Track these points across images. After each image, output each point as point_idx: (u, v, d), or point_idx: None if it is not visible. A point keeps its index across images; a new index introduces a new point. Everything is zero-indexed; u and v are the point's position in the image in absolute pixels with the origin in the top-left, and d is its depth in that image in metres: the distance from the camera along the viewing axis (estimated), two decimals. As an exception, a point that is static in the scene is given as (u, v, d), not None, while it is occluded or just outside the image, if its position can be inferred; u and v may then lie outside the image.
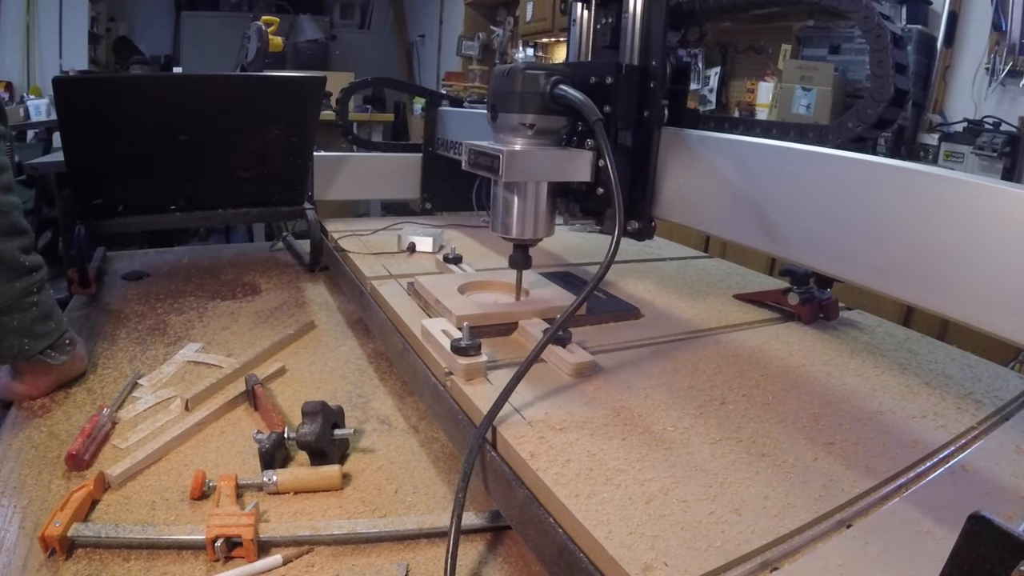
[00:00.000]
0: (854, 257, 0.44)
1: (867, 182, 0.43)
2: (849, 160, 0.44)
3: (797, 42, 2.67)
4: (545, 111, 0.56)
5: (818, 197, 0.46)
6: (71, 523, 0.46)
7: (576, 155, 0.59)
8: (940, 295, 0.39)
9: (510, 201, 0.60)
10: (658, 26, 0.58)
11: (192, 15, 5.49)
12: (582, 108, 0.54)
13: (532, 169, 0.58)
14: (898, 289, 0.41)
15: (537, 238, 0.61)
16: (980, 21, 2.21)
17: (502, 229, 0.61)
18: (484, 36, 4.80)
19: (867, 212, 0.43)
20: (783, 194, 0.49)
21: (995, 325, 0.36)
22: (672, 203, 0.60)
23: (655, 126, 0.60)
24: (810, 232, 0.47)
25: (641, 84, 0.59)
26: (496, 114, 0.58)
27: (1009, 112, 2.13)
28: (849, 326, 0.74)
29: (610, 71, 0.59)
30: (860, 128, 0.48)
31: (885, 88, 0.45)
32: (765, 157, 0.51)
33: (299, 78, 1.06)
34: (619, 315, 0.70)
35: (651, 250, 1.08)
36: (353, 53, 5.84)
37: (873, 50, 0.46)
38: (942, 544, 0.37)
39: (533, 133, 0.57)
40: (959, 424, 0.52)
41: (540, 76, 0.56)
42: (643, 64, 0.60)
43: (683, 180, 0.59)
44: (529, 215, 0.60)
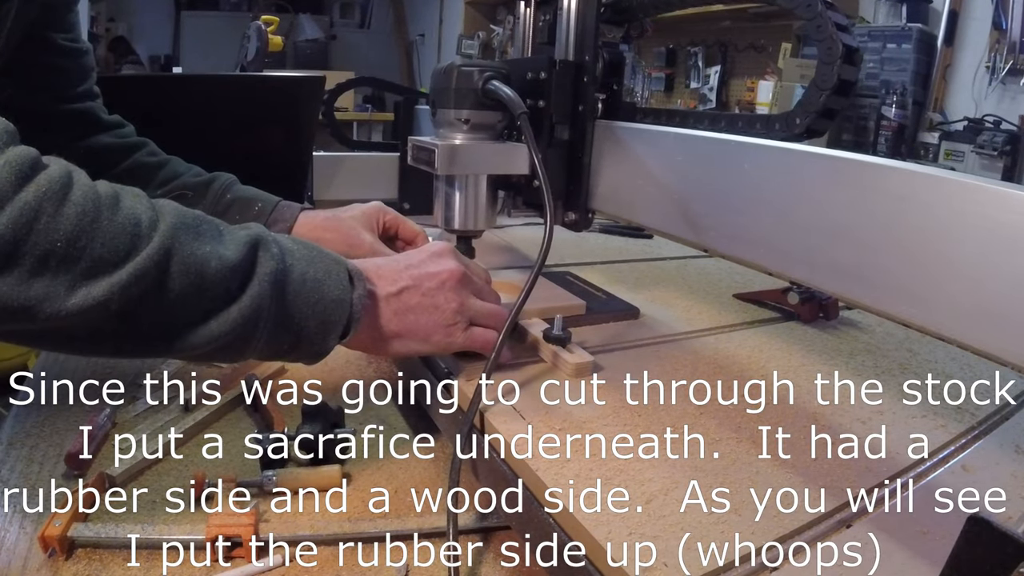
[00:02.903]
0: (782, 249, 0.45)
1: (794, 171, 0.44)
2: (774, 149, 0.45)
3: (797, 40, 2.67)
4: (479, 106, 0.58)
5: (745, 187, 0.48)
6: (71, 523, 0.46)
7: (513, 148, 0.61)
8: (878, 294, 0.39)
9: (451, 195, 0.62)
10: (591, 22, 0.60)
11: (192, 15, 5.48)
12: (508, 103, 0.56)
13: (469, 163, 0.60)
14: (823, 282, 0.42)
15: (479, 229, 0.64)
16: (980, 20, 2.21)
17: (444, 222, 0.63)
18: (484, 35, 4.80)
19: (797, 202, 0.43)
20: (707, 185, 0.51)
21: (964, 335, 0.34)
22: (607, 195, 0.63)
23: (588, 119, 0.62)
24: (735, 223, 0.49)
25: (575, 79, 0.61)
26: (435, 110, 0.60)
27: (1009, 111, 2.13)
28: (849, 325, 0.74)
29: (544, 66, 0.61)
30: (808, 119, 0.48)
31: (828, 76, 0.47)
32: (691, 148, 0.52)
33: (297, 78, 1.06)
34: (619, 315, 0.70)
35: (651, 250, 1.08)
36: (353, 52, 5.83)
37: (817, 40, 0.47)
38: (942, 544, 0.37)
39: (469, 128, 0.59)
40: (959, 424, 0.52)
41: (474, 72, 0.58)
42: (577, 59, 0.62)
43: (616, 172, 0.61)
44: (470, 207, 0.62)
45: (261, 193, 0.74)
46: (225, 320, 0.40)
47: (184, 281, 0.38)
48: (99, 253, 0.35)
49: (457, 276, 0.51)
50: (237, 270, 0.41)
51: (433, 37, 5.72)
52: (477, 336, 0.52)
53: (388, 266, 0.51)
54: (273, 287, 0.42)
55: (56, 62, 0.69)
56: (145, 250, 0.37)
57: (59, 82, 0.70)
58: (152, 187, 0.72)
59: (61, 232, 0.34)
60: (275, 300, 0.42)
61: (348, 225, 0.71)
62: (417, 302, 0.50)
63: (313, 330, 0.44)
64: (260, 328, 0.42)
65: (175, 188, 0.72)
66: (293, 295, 0.43)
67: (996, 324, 0.32)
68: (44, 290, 0.34)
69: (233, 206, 0.71)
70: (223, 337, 0.40)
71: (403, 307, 0.49)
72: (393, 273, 0.50)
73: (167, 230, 0.38)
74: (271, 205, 0.72)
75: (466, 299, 0.52)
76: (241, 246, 0.42)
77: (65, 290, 0.35)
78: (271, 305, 0.42)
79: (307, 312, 0.44)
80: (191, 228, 0.40)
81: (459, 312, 0.51)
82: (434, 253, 0.53)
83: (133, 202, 0.39)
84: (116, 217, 0.37)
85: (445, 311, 0.50)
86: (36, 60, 0.66)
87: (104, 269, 0.35)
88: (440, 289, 0.50)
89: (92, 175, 0.38)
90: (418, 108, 1.16)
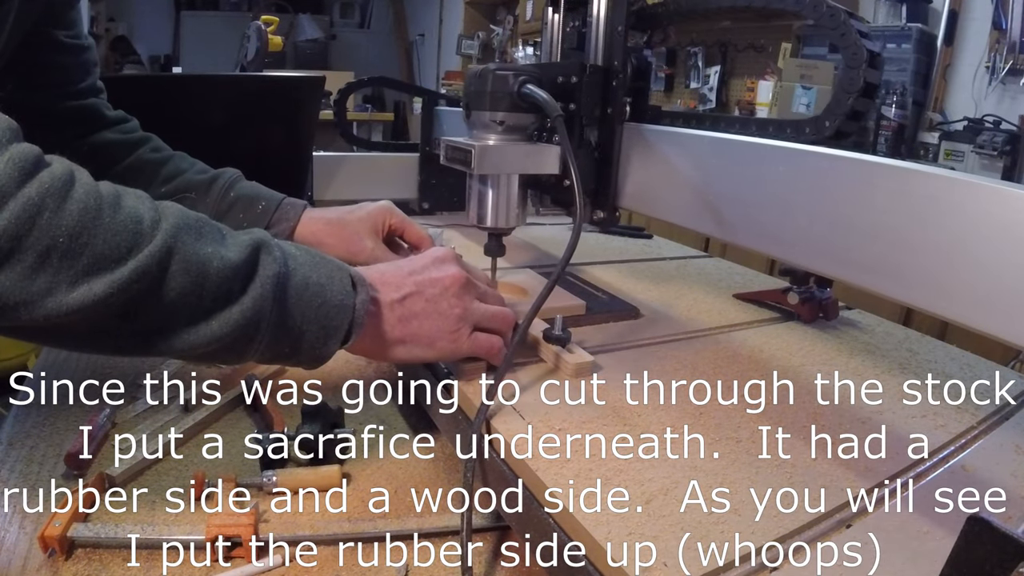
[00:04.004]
0: (816, 248, 0.47)
1: (815, 172, 0.46)
2: (798, 152, 0.48)
3: (797, 40, 2.66)
4: (514, 109, 0.60)
5: (763, 186, 0.50)
6: (71, 523, 0.46)
7: (544, 149, 0.63)
8: (896, 284, 0.41)
9: (484, 193, 0.63)
10: (620, 29, 0.63)
11: (192, 15, 5.48)
12: (544, 106, 0.58)
13: (503, 163, 0.62)
14: (853, 276, 0.44)
15: (510, 227, 0.65)
16: (980, 19, 2.21)
17: (477, 219, 0.65)
18: (484, 35, 4.80)
19: (819, 202, 0.46)
20: (727, 183, 0.54)
21: (989, 326, 0.36)
22: (634, 193, 0.66)
23: (617, 122, 0.64)
24: (749, 217, 0.52)
25: (604, 83, 0.64)
26: (470, 112, 0.62)
27: (1009, 111, 2.13)
28: (849, 325, 0.74)
29: (575, 71, 0.64)
30: (837, 122, 0.51)
31: (855, 79, 0.49)
32: (711, 149, 0.56)
33: (297, 78, 1.06)
34: (619, 315, 0.70)
35: (651, 250, 1.08)
36: (353, 52, 5.83)
37: (843, 47, 0.49)
38: (942, 544, 0.37)
39: (503, 129, 0.61)
40: (959, 424, 0.52)
41: (509, 76, 0.59)
42: (606, 64, 0.64)
43: (642, 171, 0.64)
44: (502, 206, 0.64)
45: (264, 191, 0.74)
46: (226, 321, 0.40)
47: (185, 280, 0.38)
48: (101, 250, 0.35)
49: (460, 281, 0.51)
50: (239, 271, 0.41)
51: (433, 37, 5.73)
52: (481, 341, 0.52)
53: (392, 272, 0.51)
54: (275, 289, 0.42)
55: (58, 59, 0.69)
56: (147, 248, 0.37)
57: (62, 79, 0.70)
58: (156, 184, 0.72)
59: (63, 228, 0.34)
60: (277, 303, 0.42)
61: (352, 230, 0.71)
62: (421, 308, 0.50)
63: (314, 334, 0.44)
64: (261, 330, 0.42)
65: (179, 185, 0.72)
66: (295, 298, 0.43)
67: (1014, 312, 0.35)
68: (46, 285, 0.34)
69: (236, 204, 0.71)
70: (224, 338, 0.40)
71: (407, 313, 0.49)
72: (397, 279, 0.50)
73: (169, 229, 0.38)
74: (275, 203, 0.72)
75: (469, 304, 0.52)
76: (243, 248, 0.42)
77: (67, 286, 0.35)
78: (273, 307, 0.42)
79: (309, 316, 0.44)
80: (193, 229, 0.40)
81: (463, 318, 0.51)
82: (437, 259, 0.53)
83: (135, 202, 0.39)
84: (118, 215, 0.37)
85: (449, 317, 0.50)
86: (38, 57, 0.66)
87: (106, 266, 0.36)
88: (444, 295, 0.50)
89: (96, 172, 0.38)
90: (438, 109, 1.17)
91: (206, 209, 0.72)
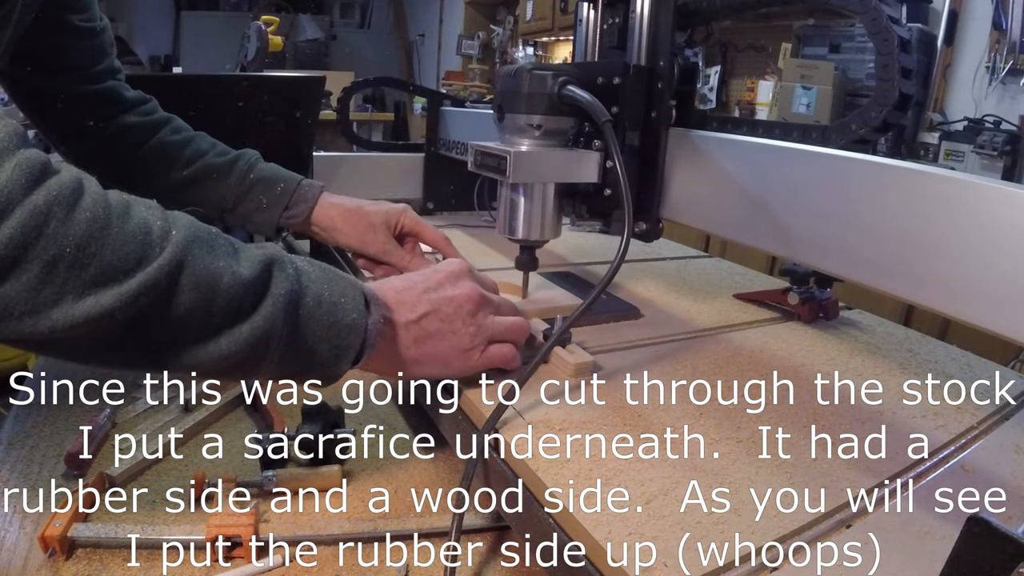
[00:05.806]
0: (858, 256, 0.45)
1: (870, 182, 0.43)
2: (853, 160, 0.45)
3: (797, 41, 2.67)
4: (552, 112, 0.56)
5: (821, 197, 0.47)
6: (71, 523, 0.46)
7: (583, 156, 0.59)
8: (942, 294, 0.39)
9: (517, 202, 0.60)
10: (666, 26, 0.58)
11: (192, 15, 5.48)
12: (590, 109, 0.54)
13: (539, 170, 0.58)
14: (900, 289, 0.42)
15: (544, 239, 0.61)
16: (980, 20, 2.22)
17: (508, 231, 0.61)
18: (484, 35, 4.80)
19: (869, 211, 0.43)
20: (786, 194, 0.49)
21: (1002, 325, 0.36)
22: (679, 204, 0.60)
23: (663, 127, 0.59)
24: (814, 232, 0.48)
25: (649, 85, 0.59)
26: (503, 115, 0.58)
27: (1009, 111, 2.13)
28: (849, 325, 0.74)
29: (617, 71, 0.58)
30: (864, 130, 0.48)
31: (890, 92, 0.46)
32: (770, 158, 0.51)
33: (297, 78, 1.06)
34: (619, 315, 0.70)
35: (651, 250, 1.08)
36: (353, 52, 5.83)
37: (880, 54, 0.46)
38: (942, 544, 0.37)
39: (540, 134, 0.57)
40: (959, 424, 0.52)
41: (548, 77, 0.55)
42: (651, 64, 0.59)
43: (690, 181, 0.59)
44: (536, 216, 0.60)
45: (284, 172, 0.75)
46: (236, 339, 0.39)
47: (195, 295, 0.37)
48: (109, 261, 0.35)
49: (475, 299, 0.51)
50: (250, 288, 0.40)
51: (433, 37, 5.73)
52: (494, 354, 0.51)
53: (407, 290, 0.50)
54: (287, 307, 0.41)
55: (74, 42, 0.68)
56: (156, 260, 0.36)
57: (78, 63, 0.70)
58: (178, 166, 0.72)
59: (71, 237, 0.34)
60: (288, 321, 0.41)
61: (367, 221, 0.71)
62: (436, 328, 0.49)
63: (325, 354, 0.43)
64: (272, 349, 0.41)
65: (200, 168, 0.72)
66: (307, 317, 0.42)
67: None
68: (52, 296, 0.33)
69: (257, 185, 0.72)
70: (233, 356, 0.39)
71: (422, 334, 0.49)
72: (412, 298, 0.49)
73: (180, 241, 0.37)
74: (294, 184, 0.73)
75: (484, 320, 0.51)
76: (256, 264, 0.41)
77: (73, 297, 0.34)
78: (284, 326, 0.41)
79: (320, 335, 0.43)
80: (205, 242, 0.39)
81: (477, 335, 0.50)
82: (451, 274, 0.52)
83: (145, 212, 0.38)
84: (127, 225, 0.36)
85: (463, 336, 0.50)
86: (52, 42, 0.66)
87: (113, 277, 0.35)
88: (458, 313, 0.50)
89: (120, 155, 0.38)
90: (444, 109, 1.15)
91: (227, 190, 0.73)
